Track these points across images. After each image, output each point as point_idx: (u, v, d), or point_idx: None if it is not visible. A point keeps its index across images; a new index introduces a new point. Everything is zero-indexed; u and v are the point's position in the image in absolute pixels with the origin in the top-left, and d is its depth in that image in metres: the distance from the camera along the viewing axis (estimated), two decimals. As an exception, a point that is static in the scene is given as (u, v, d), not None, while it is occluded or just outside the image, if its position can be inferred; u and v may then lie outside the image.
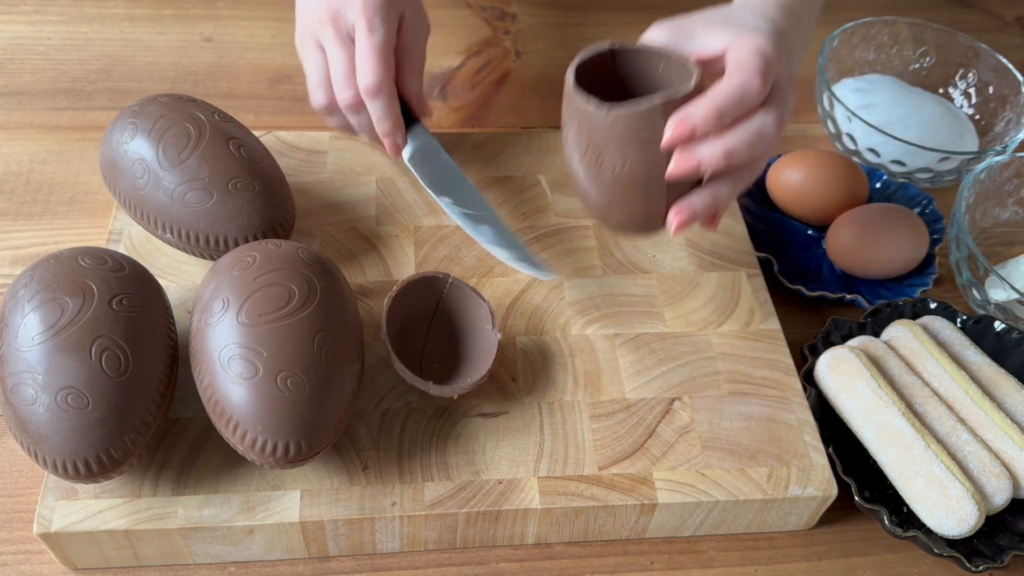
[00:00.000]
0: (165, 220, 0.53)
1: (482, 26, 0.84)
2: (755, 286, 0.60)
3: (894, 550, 0.53)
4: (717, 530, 0.53)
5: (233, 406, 0.44)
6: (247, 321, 0.45)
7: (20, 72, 0.75)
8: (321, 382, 0.45)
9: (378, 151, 0.64)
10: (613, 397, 0.54)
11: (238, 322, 0.45)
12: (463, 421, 0.52)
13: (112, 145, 0.55)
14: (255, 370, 0.44)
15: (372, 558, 0.50)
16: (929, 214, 0.68)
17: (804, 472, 0.51)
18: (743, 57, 0.46)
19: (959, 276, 0.66)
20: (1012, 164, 0.69)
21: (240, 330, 0.45)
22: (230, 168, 0.53)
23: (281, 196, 0.56)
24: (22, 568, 0.49)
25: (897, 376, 0.55)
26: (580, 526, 0.51)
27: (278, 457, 0.44)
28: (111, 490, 0.47)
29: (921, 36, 0.80)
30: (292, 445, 0.44)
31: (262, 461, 0.45)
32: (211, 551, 0.49)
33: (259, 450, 0.44)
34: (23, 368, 0.43)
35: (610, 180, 0.48)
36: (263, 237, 0.53)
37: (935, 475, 0.50)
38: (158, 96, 0.56)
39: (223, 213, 0.52)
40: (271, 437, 0.44)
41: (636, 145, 0.46)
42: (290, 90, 0.76)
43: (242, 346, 0.44)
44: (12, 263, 0.61)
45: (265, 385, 0.44)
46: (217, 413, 0.45)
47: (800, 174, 0.67)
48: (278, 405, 0.44)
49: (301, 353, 0.45)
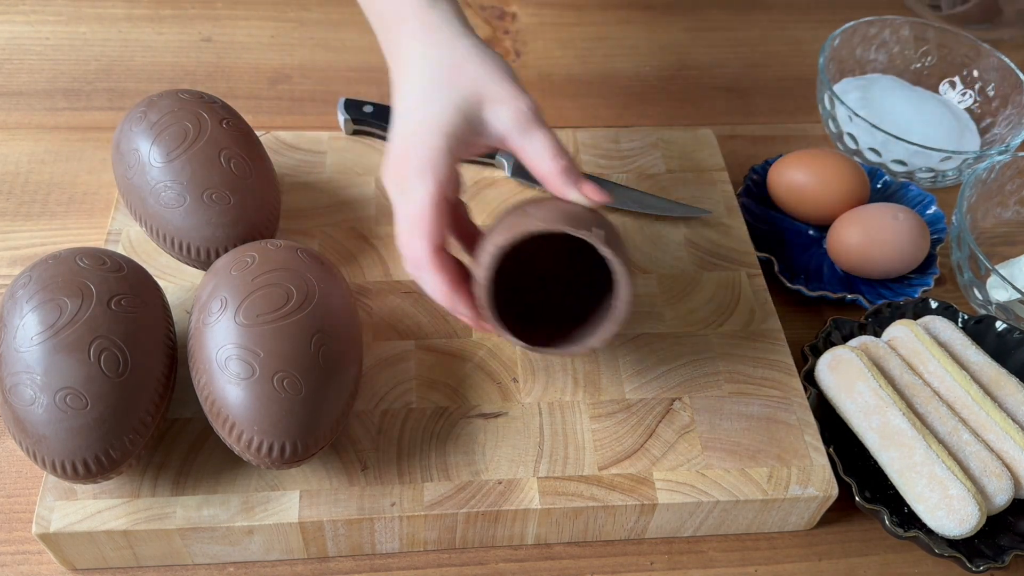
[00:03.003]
0: (141, 213, 0.54)
1: (482, 26, 0.84)
2: (756, 286, 0.60)
3: (895, 550, 0.53)
4: (717, 530, 0.52)
5: (229, 406, 0.44)
6: (244, 321, 0.45)
7: (18, 72, 0.75)
8: (318, 383, 0.45)
9: None
10: (613, 397, 0.53)
11: (235, 322, 0.45)
12: (462, 421, 0.51)
13: (123, 127, 0.55)
14: (252, 370, 0.44)
15: (371, 558, 0.50)
16: (930, 214, 0.68)
17: (805, 472, 0.51)
18: (534, 137, 0.47)
19: (960, 276, 0.66)
20: (1014, 164, 0.69)
21: (237, 330, 0.45)
22: (210, 178, 0.53)
23: (256, 217, 0.54)
24: (21, 568, 0.49)
25: (898, 376, 0.55)
26: (580, 526, 0.50)
27: (274, 458, 0.44)
28: (110, 490, 0.47)
29: (922, 35, 0.80)
30: (288, 446, 0.44)
31: (258, 462, 0.45)
32: (210, 551, 0.48)
33: (255, 450, 0.44)
34: (22, 368, 0.43)
35: None
36: (226, 252, 0.53)
37: (936, 475, 0.50)
38: (180, 91, 0.56)
39: (191, 220, 0.52)
40: (267, 438, 0.44)
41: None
42: (289, 90, 0.76)
43: (239, 346, 0.44)
44: (11, 263, 0.61)
45: (261, 386, 0.44)
46: (214, 413, 0.45)
47: (801, 174, 0.66)
48: (274, 406, 0.44)
49: (298, 354, 0.45)
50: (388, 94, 0.77)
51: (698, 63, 0.84)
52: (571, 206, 0.47)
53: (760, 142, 0.77)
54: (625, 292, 0.46)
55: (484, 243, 0.47)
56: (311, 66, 0.78)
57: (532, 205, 0.48)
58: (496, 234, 0.46)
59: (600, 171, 0.66)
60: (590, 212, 0.48)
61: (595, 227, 0.45)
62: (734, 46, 0.86)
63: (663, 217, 0.64)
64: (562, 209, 0.46)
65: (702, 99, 0.81)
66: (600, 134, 0.69)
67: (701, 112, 0.80)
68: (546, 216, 0.46)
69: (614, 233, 0.48)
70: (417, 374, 0.53)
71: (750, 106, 0.81)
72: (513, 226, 0.46)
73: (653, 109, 0.79)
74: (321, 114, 0.75)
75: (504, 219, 0.48)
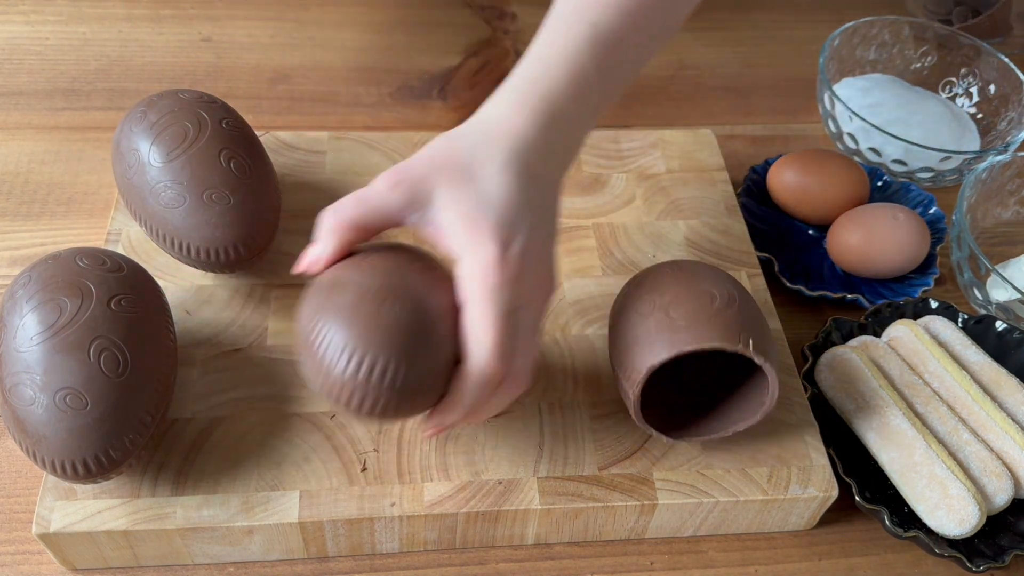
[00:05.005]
0: (141, 213, 0.54)
1: (481, 25, 0.84)
2: (756, 286, 0.60)
3: (895, 550, 0.53)
4: (717, 530, 0.52)
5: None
6: (20, 347, 0.44)
7: (18, 72, 0.75)
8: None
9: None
10: (613, 397, 0.53)
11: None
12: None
13: (123, 127, 0.55)
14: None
15: (371, 558, 0.50)
16: (931, 214, 0.68)
17: (805, 472, 0.51)
18: (473, 324, 0.41)
19: (960, 276, 0.66)
20: (1014, 164, 0.69)
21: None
22: (210, 178, 0.52)
23: (256, 217, 0.54)
24: (21, 568, 0.49)
25: (898, 376, 0.55)
26: (580, 526, 0.50)
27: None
28: (110, 490, 0.47)
29: (922, 35, 0.80)
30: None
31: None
32: (210, 551, 0.48)
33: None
34: (21, 368, 0.43)
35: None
36: (225, 253, 0.52)
37: (936, 475, 0.50)
38: (180, 91, 0.56)
39: (190, 220, 0.52)
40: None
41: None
42: (288, 90, 0.76)
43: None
44: (10, 263, 0.61)
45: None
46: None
47: (801, 174, 0.66)
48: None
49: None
50: (387, 94, 0.77)
51: (698, 63, 0.84)
52: (714, 307, 0.47)
53: (760, 142, 0.77)
54: (774, 389, 0.47)
55: (631, 354, 0.47)
56: (311, 66, 0.78)
57: (675, 307, 0.47)
58: (645, 348, 0.47)
59: (600, 171, 0.66)
60: (735, 313, 0.47)
61: (743, 332, 0.46)
62: (734, 46, 0.86)
63: (663, 217, 0.64)
64: (708, 316, 0.46)
65: (702, 99, 0.81)
66: (600, 134, 0.69)
67: (701, 112, 0.80)
68: (697, 330, 0.46)
69: (759, 328, 0.48)
70: (417, 374, 0.53)
71: (750, 106, 0.81)
72: (664, 341, 0.46)
73: (653, 109, 0.79)
74: (321, 114, 0.75)
75: (649, 326, 0.47)
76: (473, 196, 0.43)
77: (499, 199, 0.43)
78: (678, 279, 0.49)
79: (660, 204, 0.65)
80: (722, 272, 0.50)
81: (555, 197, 0.46)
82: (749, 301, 0.49)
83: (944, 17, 0.89)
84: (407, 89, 0.78)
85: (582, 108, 0.46)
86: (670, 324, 0.47)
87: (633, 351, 0.47)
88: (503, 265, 0.41)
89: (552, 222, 0.45)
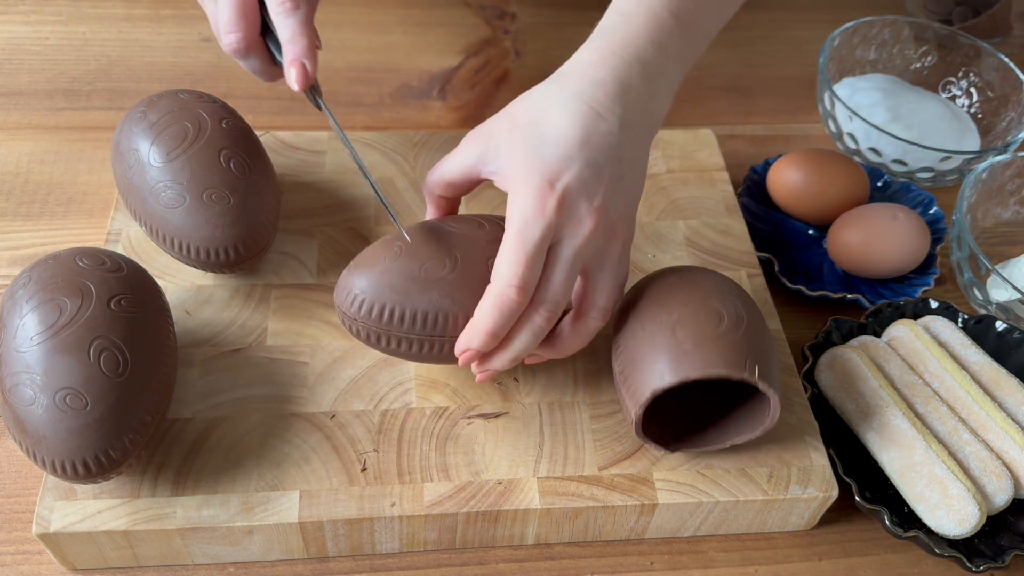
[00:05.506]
0: (140, 213, 0.54)
1: (481, 25, 0.84)
2: (756, 286, 0.60)
3: (895, 550, 0.53)
4: (717, 530, 0.52)
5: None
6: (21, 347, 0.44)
7: (18, 72, 0.75)
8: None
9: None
10: (613, 397, 0.53)
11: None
12: (462, 421, 0.51)
13: (123, 126, 0.55)
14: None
15: (371, 558, 0.50)
16: (931, 214, 0.68)
17: (805, 472, 0.51)
18: (500, 253, 0.43)
19: (960, 276, 0.66)
20: (1014, 163, 0.69)
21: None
22: (210, 178, 0.52)
23: (256, 217, 0.54)
24: (21, 568, 0.49)
25: (898, 376, 0.55)
26: (580, 526, 0.50)
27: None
28: (110, 490, 0.47)
29: (922, 35, 0.80)
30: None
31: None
32: (210, 551, 0.48)
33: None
34: (21, 368, 0.43)
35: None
36: (225, 253, 0.52)
37: (936, 475, 0.50)
38: (179, 91, 0.56)
39: (190, 220, 0.52)
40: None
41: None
42: (289, 90, 0.76)
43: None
44: (10, 263, 0.61)
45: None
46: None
47: (801, 174, 0.66)
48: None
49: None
50: (387, 94, 0.77)
51: (698, 63, 0.84)
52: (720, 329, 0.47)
53: (760, 142, 0.77)
54: (775, 411, 0.47)
55: (635, 370, 0.47)
56: (311, 66, 0.78)
57: (682, 327, 0.47)
58: (649, 368, 0.47)
59: (600, 171, 0.66)
60: (742, 336, 0.47)
61: (749, 358, 0.46)
62: (734, 46, 0.86)
63: (663, 217, 0.64)
64: (714, 338, 0.46)
65: (702, 99, 0.81)
66: (600, 134, 0.69)
67: (701, 112, 0.80)
68: (704, 355, 0.46)
69: (765, 350, 0.48)
70: (417, 374, 0.53)
71: (750, 106, 0.81)
72: (669, 364, 0.46)
73: (653, 109, 0.79)
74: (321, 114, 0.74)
75: (655, 345, 0.47)
76: (532, 139, 0.44)
77: (553, 137, 0.44)
78: (686, 292, 0.49)
79: (660, 204, 0.65)
80: (729, 283, 0.50)
81: (632, 139, 0.46)
82: (755, 317, 0.49)
83: (944, 17, 0.89)
84: (407, 89, 0.78)
85: (661, 54, 0.48)
86: (676, 346, 0.46)
87: (637, 367, 0.47)
88: (541, 199, 0.43)
89: (619, 161, 0.45)
